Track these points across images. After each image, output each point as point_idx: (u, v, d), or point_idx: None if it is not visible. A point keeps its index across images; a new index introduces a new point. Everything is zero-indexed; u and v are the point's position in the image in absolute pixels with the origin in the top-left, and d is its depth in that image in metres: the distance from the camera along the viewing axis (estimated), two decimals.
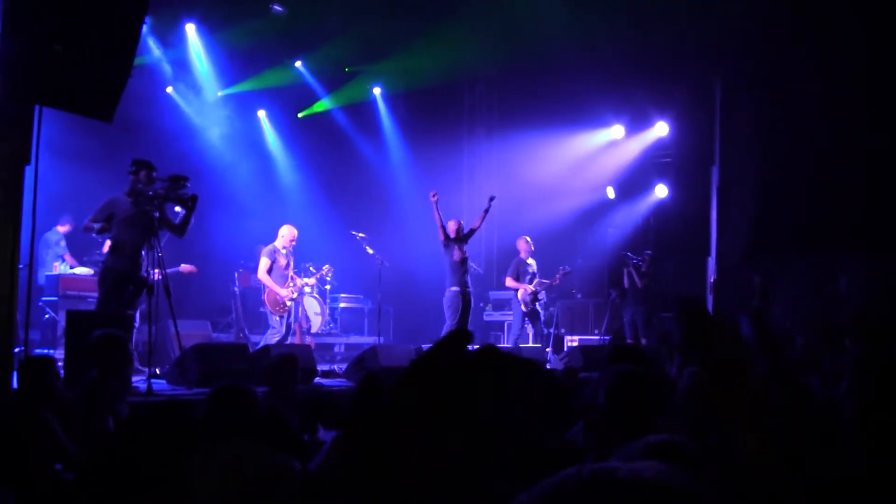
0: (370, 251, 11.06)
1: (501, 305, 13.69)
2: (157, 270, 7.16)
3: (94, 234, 7.68)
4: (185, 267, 10.17)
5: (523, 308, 11.38)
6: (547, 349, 11.86)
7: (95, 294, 7.63)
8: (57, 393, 4.62)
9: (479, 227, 10.58)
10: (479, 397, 0.97)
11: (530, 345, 11.06)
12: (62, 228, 10.38)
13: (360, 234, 11.20)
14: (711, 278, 13.12)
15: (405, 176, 14.88)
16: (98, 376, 5.06)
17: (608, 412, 3.53)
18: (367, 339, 12.68)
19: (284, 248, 9.76)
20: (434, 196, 10.17)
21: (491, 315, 13.93)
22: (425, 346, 6.38)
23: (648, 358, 5.60)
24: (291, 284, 9.81)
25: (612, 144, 14.71)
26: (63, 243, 10.39)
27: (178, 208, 7.59)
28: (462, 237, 10.35)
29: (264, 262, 9.62)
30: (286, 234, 9.77)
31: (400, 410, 0.98)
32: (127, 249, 7.18)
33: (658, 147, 14.42)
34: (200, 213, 7.70)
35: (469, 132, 16.01)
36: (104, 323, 5.93)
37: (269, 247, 9.76)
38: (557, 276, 11.76)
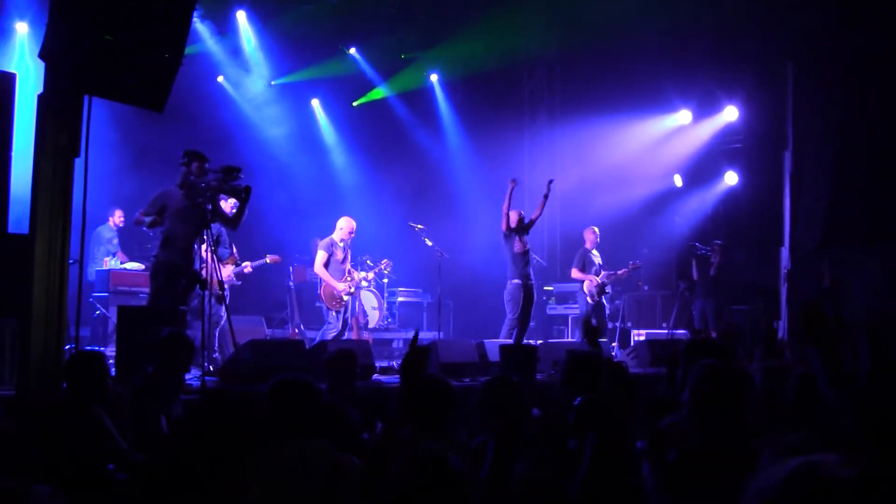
0: (429, 243, 10.73)
1: (565, 298, 13.32)
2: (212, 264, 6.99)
3: (144, 228, 7.56)
4: (270, 257, 9.99)
5: (590, 300, 10.99)
6: (613, 344, 11.47)
7: (146, 289, 7.56)
8: (107, 390, 4.49)
9: (539, 215, 10.19)
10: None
11: None
12: (114, 221, 10.20)
13: (419, 226, 10.87)
14: (785, 269, 12.56)
15: (464, 164, 14.56)
16: (154, 373, 4.93)
17: (696, 407, 3.35)
18: (427, 335, 12.43)
19: (342, 240, 9.57)
20: (514, 183, 9.80)
21: (555, 308, 13.55)
22: (487, 342, 6.13)
23: (726, 352, 5.31)
24: (348, 278, 9.61)
25: (680, 130, 14.19)
26: (116, 241, 10.22)
27: (231, 200, 7.44)
28: (524, 227, 9.99)
29: (321, 256, 9.44)
30: (345, 226, 9.56)
31: None
32: (179, 242, 7.06)
33: (727, 132, 13.88)
34: (253, 205, 7.53)
35: (530, 118, 15.63)
36: (156, 318, 5.80)
37: (327, 239, 9.57)
38: (626, 270, 11.36)
